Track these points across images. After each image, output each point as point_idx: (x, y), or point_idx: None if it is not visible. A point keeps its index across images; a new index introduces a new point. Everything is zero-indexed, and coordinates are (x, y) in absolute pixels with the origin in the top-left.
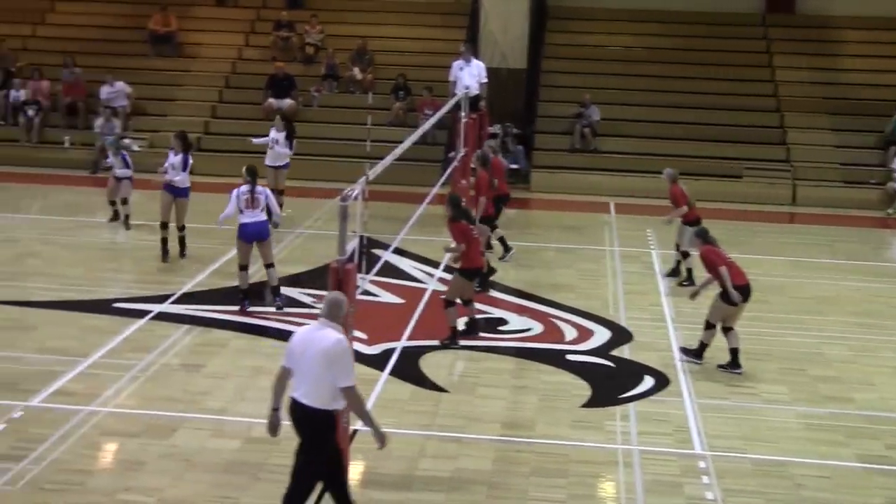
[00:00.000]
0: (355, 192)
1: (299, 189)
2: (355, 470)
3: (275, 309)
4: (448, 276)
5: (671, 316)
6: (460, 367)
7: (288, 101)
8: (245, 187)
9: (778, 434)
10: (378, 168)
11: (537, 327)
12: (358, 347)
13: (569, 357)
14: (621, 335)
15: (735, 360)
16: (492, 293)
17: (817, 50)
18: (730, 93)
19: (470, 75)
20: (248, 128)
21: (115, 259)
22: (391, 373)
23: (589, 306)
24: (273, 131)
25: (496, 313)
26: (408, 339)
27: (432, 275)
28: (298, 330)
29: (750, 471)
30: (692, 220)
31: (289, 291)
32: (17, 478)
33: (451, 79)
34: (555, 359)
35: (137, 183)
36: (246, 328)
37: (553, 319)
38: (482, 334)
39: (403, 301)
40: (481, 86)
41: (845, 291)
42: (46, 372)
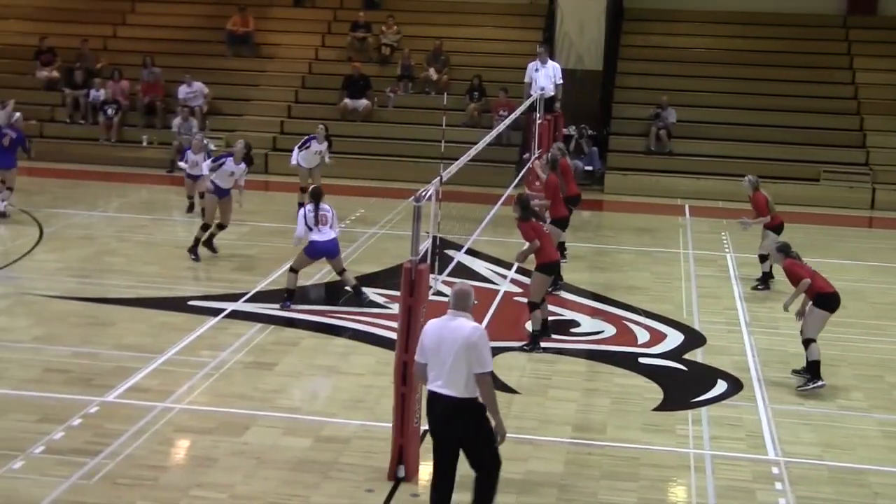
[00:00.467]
0: (429, 193)
1: (374, 189)
2: (425, 470)
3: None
4: (521, 278)
5: (746, 320)
6: (532, 369)
7: (363, 102)
8: (310, 206)
9: (854, 441)
10: (452, 169)
11: (610, 330)
12: None
13: (641, 360)
14: (694, 339)
15: (813, 371)
16: (564, 295)
17: None
18: (809, 95)
19: (545, 76)
20: None
21: None
22: None
23: (662, 310)
24: (314, 143)
25: (568, 315)
26: None
27: (505, 276)
28: (427, 325)
29: (825, 478)
30: (775, 226)
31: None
32: (93, 472)
33: (527, 80)
34: (627, 362)
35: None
36: (318, 327)
37: (626, 322)
38: (554, 336)
39: (476, 302)
40: (556, 87)
41: None
42: (122, 368)
